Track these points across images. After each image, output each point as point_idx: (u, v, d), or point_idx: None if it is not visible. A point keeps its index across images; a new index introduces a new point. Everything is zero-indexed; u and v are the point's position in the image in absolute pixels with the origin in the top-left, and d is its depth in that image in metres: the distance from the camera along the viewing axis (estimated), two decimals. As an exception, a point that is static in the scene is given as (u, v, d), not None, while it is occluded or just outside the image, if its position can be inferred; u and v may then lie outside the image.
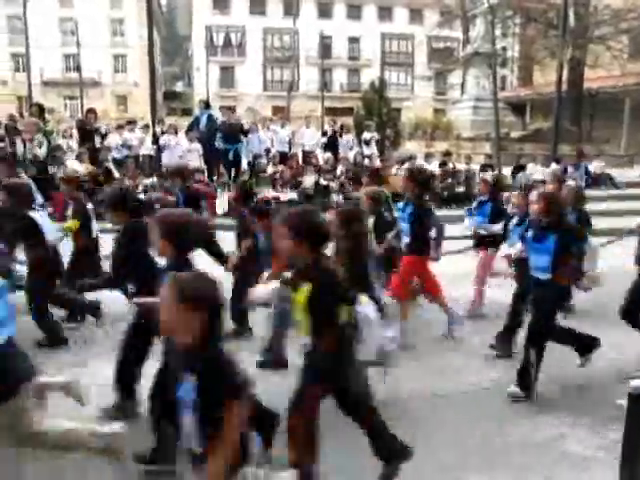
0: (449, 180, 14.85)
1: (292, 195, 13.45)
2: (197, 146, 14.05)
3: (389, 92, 24.55)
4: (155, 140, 14.35)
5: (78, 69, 34.14)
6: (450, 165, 15.52)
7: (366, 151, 15.76)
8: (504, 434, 3.96)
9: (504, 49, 32.24)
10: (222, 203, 12.25)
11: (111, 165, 13.41)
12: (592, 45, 23.44)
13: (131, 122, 15.72)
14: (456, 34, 38.69)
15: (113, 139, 14.30)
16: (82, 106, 29.73)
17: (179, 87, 57.23)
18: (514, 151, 20.38)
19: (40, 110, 13.47)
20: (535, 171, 16.90)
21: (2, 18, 42.65)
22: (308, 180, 13.62)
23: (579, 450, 3.74)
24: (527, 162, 17.57)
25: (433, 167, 15.25)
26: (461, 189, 14.87)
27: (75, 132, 14.51)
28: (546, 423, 4.11)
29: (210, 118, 14.58)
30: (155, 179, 13.47)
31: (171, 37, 61.34)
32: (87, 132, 13.90)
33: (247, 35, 48.44)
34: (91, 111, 14.84)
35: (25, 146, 11.73)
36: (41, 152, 11.66)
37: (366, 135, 16.32)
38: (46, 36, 40.05)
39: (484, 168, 16.17)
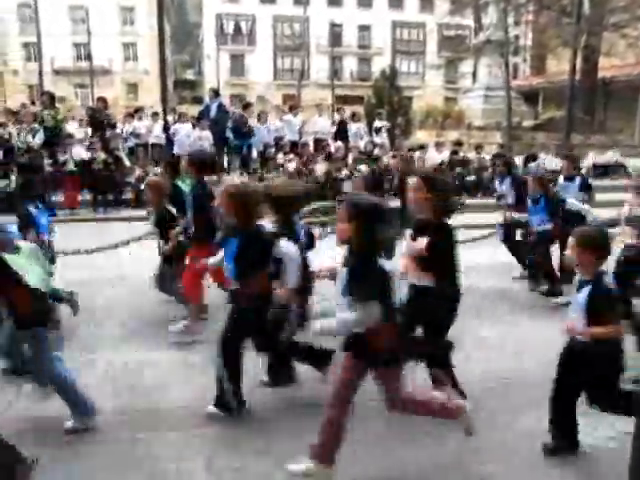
0: (459, 169, 14.76)
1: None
2: (207, 134, 14.04)
3: (400, 81, 24.47)
4: (166, 129, 14.36)
5: (89, 57, 34.15)
6: (461, 154, 15.42)
7: (377, 140, 15.68)
8: (516, 423, 3.95)
9: (517, 37, 31.92)
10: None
11: (122, 153, 13.45)
12: (607, 33, 23.11)
13: (138, 110, 15.69)
14: (467, 22, 38.32)
15: (124, 128, 14.35)
16: (93, 94, 29.78)
17: (189, 75, 57.12)
18: (526, 140, 20.21)
19: (51, 99, 13.53)
20: (547, 160, 16.76)
21: (13, 8, 42.67)
22: (319, 168, 13.59)
23: (590, 441, 3.72)
24: (539, 152, 17.42)
25: (444, 156, 15.18)
26: (472, 178, 14.79)
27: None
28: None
29: (220, 107, 14.57)
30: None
31: (181, 25, 61.11)
32: (99, 121, 13.95)
33: (257, 23, 48.20)
34: (101, 99, 14.87)
35: (19, 135, 11.87)
36: (35, 141, 11.73)
37: (377, 123, 16.25)
38: (56, 25, 39.99)
39: (496, 157, 16.09)
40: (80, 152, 12.65)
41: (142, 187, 12.54)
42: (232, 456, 3.54)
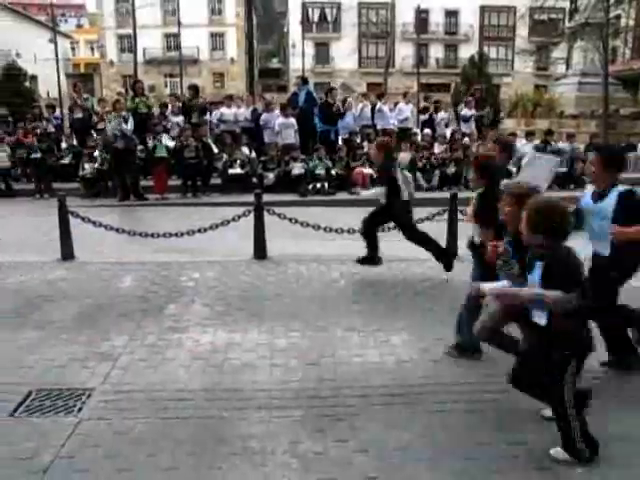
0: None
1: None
2: (293, 122, 14.11)
3: (488, 68, 23.67)
4: (255, 116, 14.55)
5: (178, 48, 35.27)
6: (553, 144, 14.75)
7: (464, 129, 15.20)
8: (608, 426, 3.74)
9: (617, 18, 29.89)
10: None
11: (210, 140, 13.79)
12: None
13: (228, 97, 16.06)
14: (561, 4, 36.35)
15: (214, 115, 14.72)
16: (181, 83, 30.73)
17: (274, 64, 57.78)
18: (623, 130, 19.08)
19: (136, 85, 14.36)
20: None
21: (111, 3, 44.97)
22: (403, 157, 13.40)
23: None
24: (638, 141, 16.44)
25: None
26: (564, 169, 14.11)
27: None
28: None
29: (309, 94, 14.60)
30: (254, 154, 13.79)
31: (266, 14, 61.86)
32: (190, 108, 14.39)
33: (342, 10, 48.04)
34: (192, 87, 15.30)
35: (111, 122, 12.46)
36: (127, 127, 12.25)
37: (465, 112, 15.69)
38: (149, 17, 41.58)
39: (590, 147, 15.29)
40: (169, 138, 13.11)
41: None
42: (314, 440, 3.56)
